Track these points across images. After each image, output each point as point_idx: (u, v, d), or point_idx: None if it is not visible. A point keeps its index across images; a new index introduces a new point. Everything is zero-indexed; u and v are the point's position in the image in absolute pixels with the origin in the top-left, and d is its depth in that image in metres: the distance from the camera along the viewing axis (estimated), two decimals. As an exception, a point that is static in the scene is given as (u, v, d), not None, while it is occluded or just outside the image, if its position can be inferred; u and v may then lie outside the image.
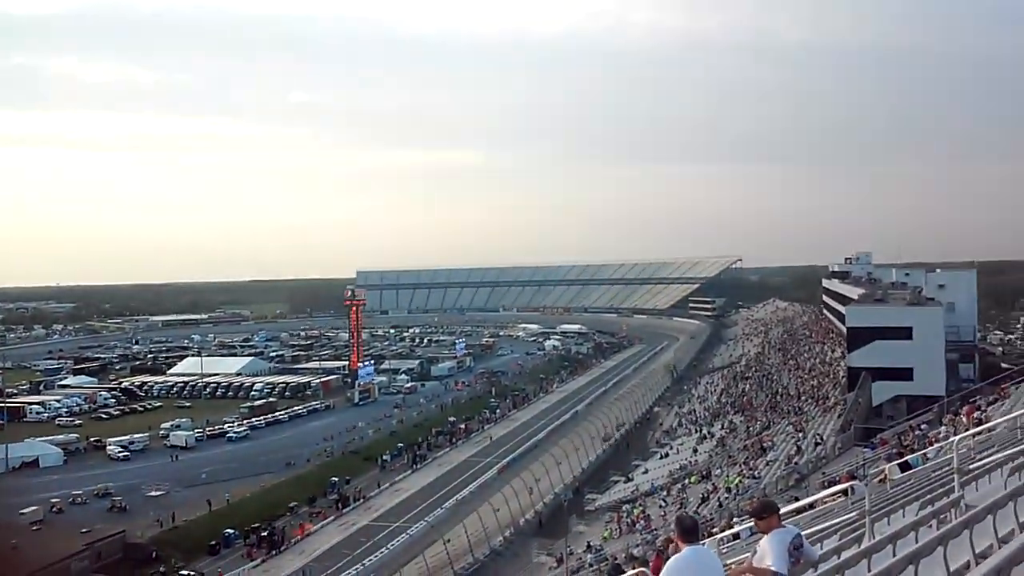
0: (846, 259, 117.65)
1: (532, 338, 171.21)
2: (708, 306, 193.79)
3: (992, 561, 3.98)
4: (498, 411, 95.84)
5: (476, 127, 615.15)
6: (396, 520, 58.03)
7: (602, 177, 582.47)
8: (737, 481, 47.09)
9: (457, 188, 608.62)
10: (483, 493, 60.77)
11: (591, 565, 35.71)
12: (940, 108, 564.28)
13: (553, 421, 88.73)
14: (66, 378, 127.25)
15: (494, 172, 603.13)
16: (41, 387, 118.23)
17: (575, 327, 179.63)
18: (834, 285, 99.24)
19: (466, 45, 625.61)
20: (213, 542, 54.33)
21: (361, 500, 63.62)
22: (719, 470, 53.26)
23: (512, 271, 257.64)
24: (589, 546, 44.75)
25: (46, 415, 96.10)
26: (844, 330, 69.28)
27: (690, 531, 7.21)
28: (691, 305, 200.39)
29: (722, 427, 69.28)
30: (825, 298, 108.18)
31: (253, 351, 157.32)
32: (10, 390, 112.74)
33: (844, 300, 79.94)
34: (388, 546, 51.92)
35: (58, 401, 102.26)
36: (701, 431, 71.06)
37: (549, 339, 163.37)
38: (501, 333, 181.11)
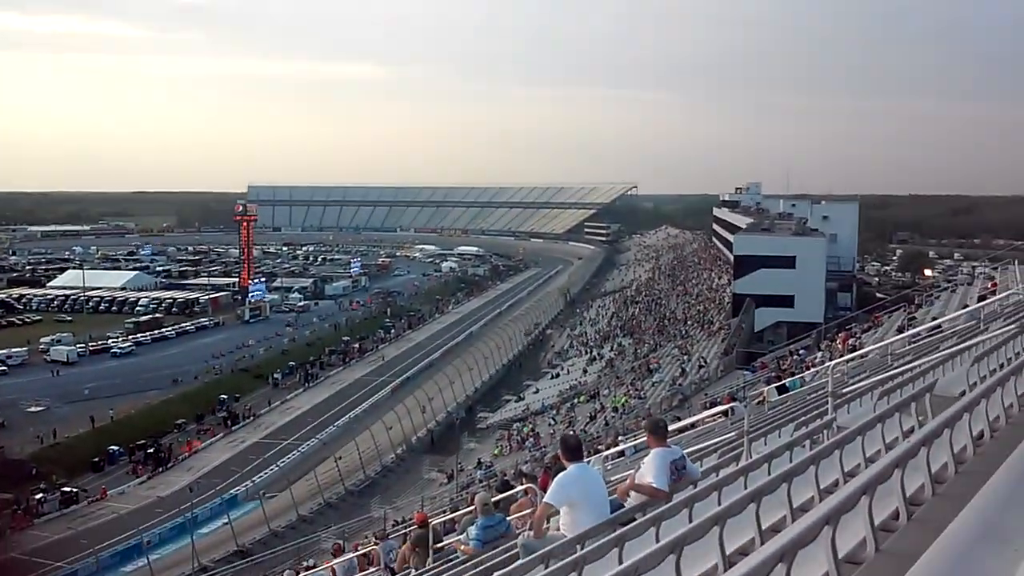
0: (736, 189, 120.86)
1: (429, 259, 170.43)
2: (603, 231, 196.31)
3: (859, 480, 4.11)
4: (393, 331, 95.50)
5: (378, 38, 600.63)
6: (287, 438, 57.71)
7: (505, 98, 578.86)
8: (624, 401, 48.54)
9: (356, 103, 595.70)
10: (376, 412, 60.92)
11: (481, 481, 36.39)
12: (836, 43, 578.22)
13: (448, 342, 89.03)
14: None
15: (395, 88, 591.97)
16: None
17: (472, 249, 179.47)
18: (724, 214, 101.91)
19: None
20: (97, 459, 52.96)
21: (251, 418, 62.89)
22: (607, 390, 54.73)
23: (410, 191, 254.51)
24: (480, 463, 45.60)
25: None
26: (731, 258, 71.35)
27: (574, 450, 7.33)
28: (586, 230, 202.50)
29: (611, 349, 70.97)
30: (715, 226, 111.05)
31: (138, 265, 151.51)
32: None
33: (732, 229, 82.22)
34: (278, 463, 51.61)
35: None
36: (591, 353, 72.63)
37: (446, 260, 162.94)
38: (397, 254, 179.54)
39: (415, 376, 73.46)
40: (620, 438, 25.13)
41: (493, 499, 13.53)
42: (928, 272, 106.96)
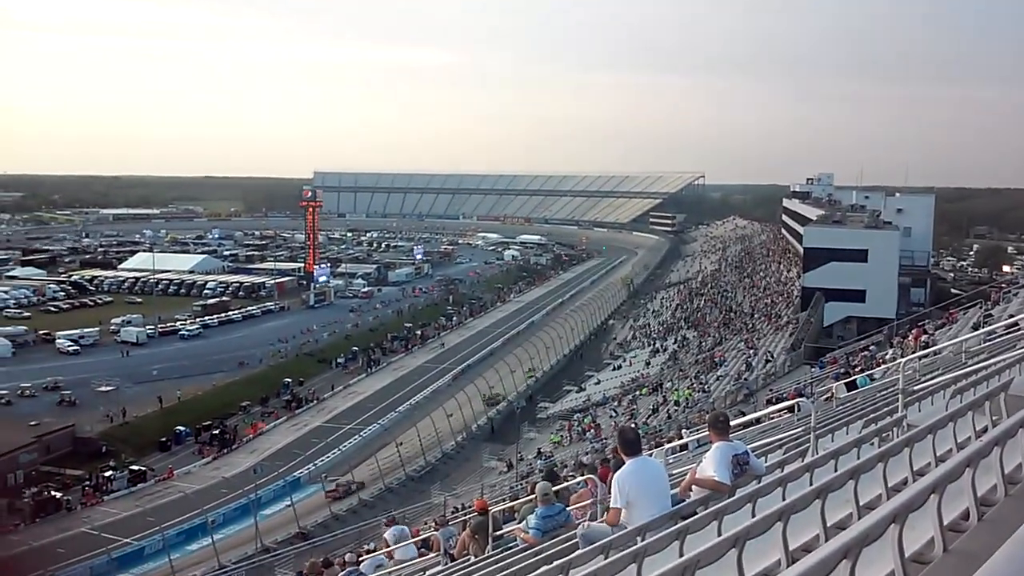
0: (808, 179, 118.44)
1: (491, 247, 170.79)
2: (668, 221, 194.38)
3: (928, 479, 4.00)
4: (455, 319, 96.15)
5: (444, 24, 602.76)
6: (349, 422, 58.54)
7: (570, 84, 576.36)
8: (687, 394, 48.08)
9: (421, 89, 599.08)
10: (437, 398, 61.37)
11: (540, 471, 36.43)
12: (912, 32, 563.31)
13: (509, 330, 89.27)
14: (13, 269, 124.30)
15: (459, 74, 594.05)
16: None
17: (535, 238, 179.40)
18: (794, 205, 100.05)
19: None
20: (164, 438, 54.43)
21: (314, 402, 63.97)
22: (670, 383, 54.28)
23: (473, 179, 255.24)
24: (539, 453, 45.66)
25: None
26: (801, 250, 70.08)
27: (632, 443, 7.29)
28: (651, 220, 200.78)
29: (675, 341, 70.37)
30: (784, 218, 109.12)
31: (206, 249, 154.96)
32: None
33: (803, 220, 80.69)
34: (340, 447, 52.48)
35: (6, 292, 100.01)
36: (654, 345, 72.14)
37: (508, 248, 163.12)
38: (460, 241, 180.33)
39: (476, 364, 73.85)
40: (683, 431, 24.96)
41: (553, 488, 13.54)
42: (1006, 268, 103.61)
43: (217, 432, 55.35)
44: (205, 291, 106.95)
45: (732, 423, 10.80)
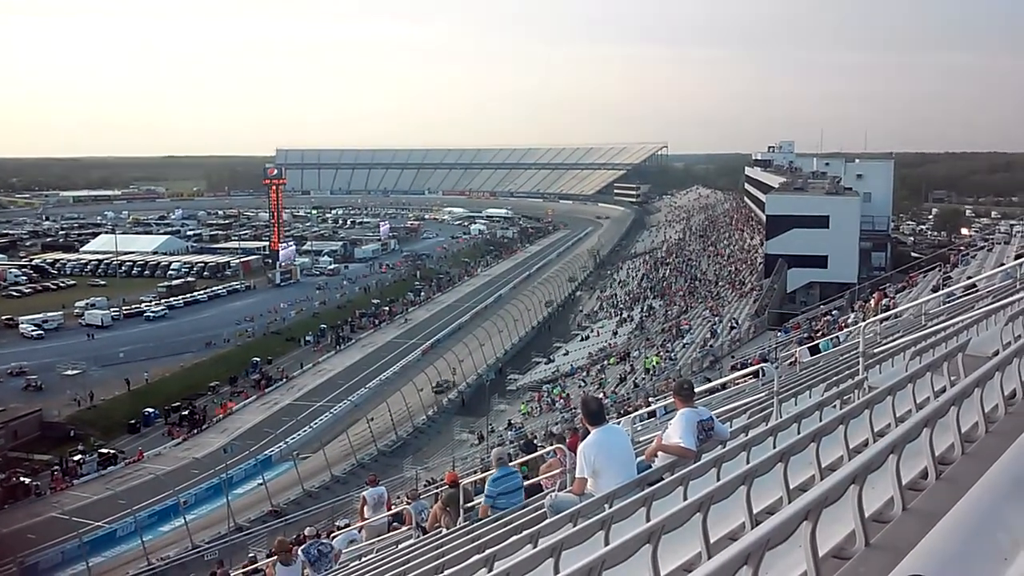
0: (769, 148, 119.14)
1: (457, 222, 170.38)
2: (632, 192, 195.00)
3: (887, 439, 4.09)
4: (422, 294, 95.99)
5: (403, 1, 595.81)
6: (319, 400, 58.42)
7: (531, 57, 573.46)
8: (655, 363, 48.50)
9: (383, 64, 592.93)
10: (407, 373, 61.40)
11: (511, 441, 36.66)
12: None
13: (477, 304, 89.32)
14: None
15: (422, 49, 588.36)
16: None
17: (501, 211, 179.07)
18: (756, 173, 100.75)
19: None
20: (133, 421, 54.04)
21: (284, 380, 63.71)
22: (637, 352, 54.72)
23: (438, 153, 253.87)
24: (510, 424, 45.94)
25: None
26: (764, 218, 70.70)
27: (595, 413, 7.37)
28: (616, 191, 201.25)
29: (641, 311, 70.83)
30: (747, 186, 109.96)
31: (169, 229, 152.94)
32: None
33: (765, 188, 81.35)
34: (311, 425, 52.42)
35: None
36: (621, 315, 72.54)
37: (474, 223, 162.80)
38: (426, 216, 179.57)
39: (445, 338, 73.89)
40: (651, 399, 25.19)
41: (520, 460, 13.65)
42: (964, 231, 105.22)
43: (187, 413, 55.03)
44: (170, 272, 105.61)
45: (698, 390, 10.94)
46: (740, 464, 5.61)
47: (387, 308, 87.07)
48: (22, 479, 44.84)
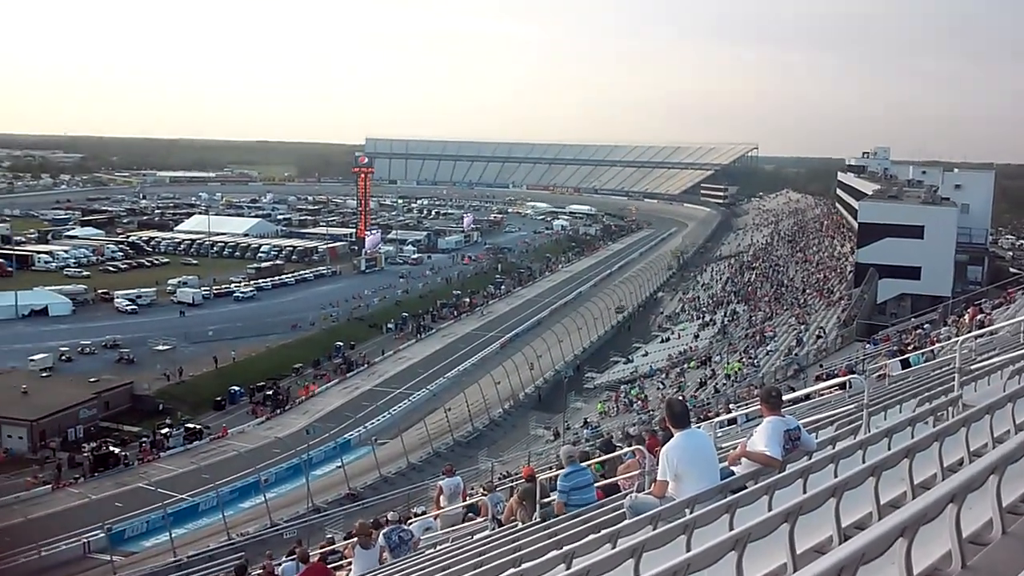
0: (863, 153, 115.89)
1: (540, 216, 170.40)
2: (720, 194, 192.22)
3: (986, 459, 3.98)
4: (503, 287, 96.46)
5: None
6: (399, 387, 59.26)
7: (621, 55, 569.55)
8: (736, 368, 47.74)
9: (474, 59, 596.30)
10: (485, 365, 61.78)
11: (587, 440, 36.55)
12: (975, 6, 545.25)
13: (557, 300, 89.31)
14: (73, 229, 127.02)
15: (511, 45, 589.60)
16: (49, 236, 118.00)
17: (584, 208, 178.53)
18: (849, 179, 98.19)
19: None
20: (219, 398, 55.68)
21: (365, 366, 64.82)
22: (719, 357, 53.91)
23: (523, 147, 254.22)
24: (586, 422, 45.78)
25: (54, 265, 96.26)
26: (855, 225, 68.96)
27: (680, 416, 7.30)
28: (703, 192, 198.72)
29: (725, 315, 69.77)
30: (839, 192, 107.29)
31: (260, 213, 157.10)
32: (18, 238, 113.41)
33: (858, 195, 79.25)
34: (390, 411, 53.22)
35: (66, 251, 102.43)
36: (704, 318, 71.60)
37: (557, 218, 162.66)
38: (509, 210, 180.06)
39: (524, 333, 74.12)
40: (732, 406, 24.85)
41: (598, 459, 13.64)
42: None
43: (270, 393, 56.46)
44: (259, 254, 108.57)
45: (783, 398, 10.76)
46: (828, 477, 5.53)
47: (468, 300, 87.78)
48: (112, 448, 46.64)
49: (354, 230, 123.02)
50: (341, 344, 68.13)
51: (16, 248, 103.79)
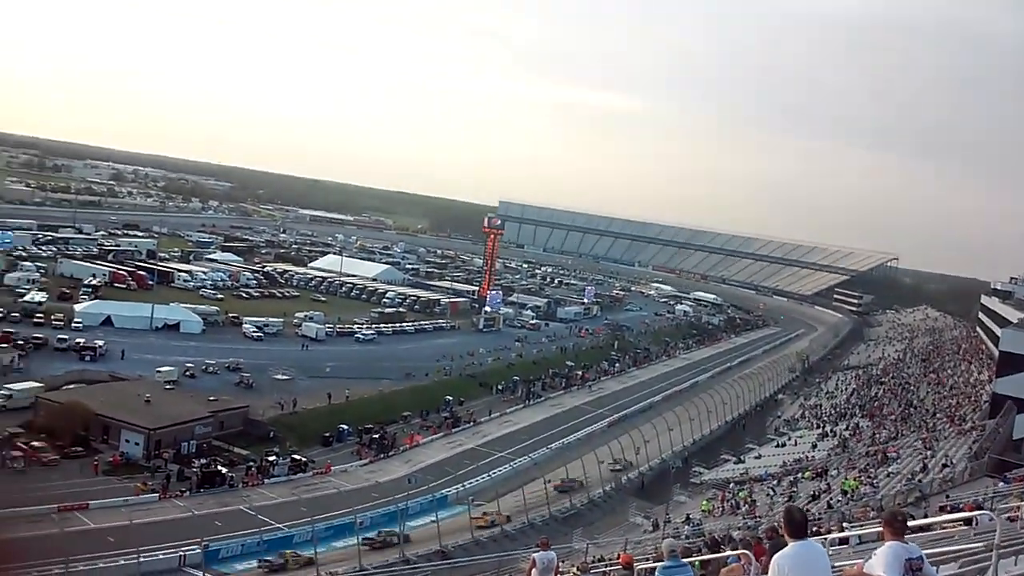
0: (1011, 279, 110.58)
1: (663, 299, 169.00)
2: (854, 300, 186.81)
3: None
4: (618, 365, 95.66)
5: (642, 73, 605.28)
6: (501, 450, 59.17)
7: (763, 146, 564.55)
8: (854, 486, 45.63)
9: (614, 133, 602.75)
10: (590, 442, 61.11)
11: (687, 537, 35.45)
12: None
13: (672, 386, 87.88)
14: (214, 253, 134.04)
15: (654, 123, 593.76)
16: (191, 257, 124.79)
17: (710, 296, 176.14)
18: (993, 304, 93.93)
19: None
20: (327, 434, 56.82)
21: (471, 423, 65.14)
22: (836, 471, 51.73)
23: (654, 228, 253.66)
24: (688, 518, 44.46)
25: (192, 284, 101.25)
26: (996, 353, 65.53)
27: (799, 525, 7.02)
28: (835, 296, 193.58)
29: (847, 428, 67.15)
30: (981, 315, 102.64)
31: (390, 260, 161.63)
32: (162, 255, 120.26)
33: (1002, 321, 75.57)
34: (490, 473, 53.04)
35: (205, 273, 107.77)
36: (824, 428, 69.10)
37: (681, 303, 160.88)
38: (632, 288, 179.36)
39: (634, 415, 73.04)
40: (845, 524, 23.75)
41: (700, 557, 13.27)
42: None
43: (377, 436, 57.32)
44: (384, 300, 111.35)
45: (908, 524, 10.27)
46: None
47: (580, 372, 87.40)
48: (220, 468, 48.07)
49: (477, 288, 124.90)
50: (450, 398, 68.80)
51: (159, 264, 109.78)
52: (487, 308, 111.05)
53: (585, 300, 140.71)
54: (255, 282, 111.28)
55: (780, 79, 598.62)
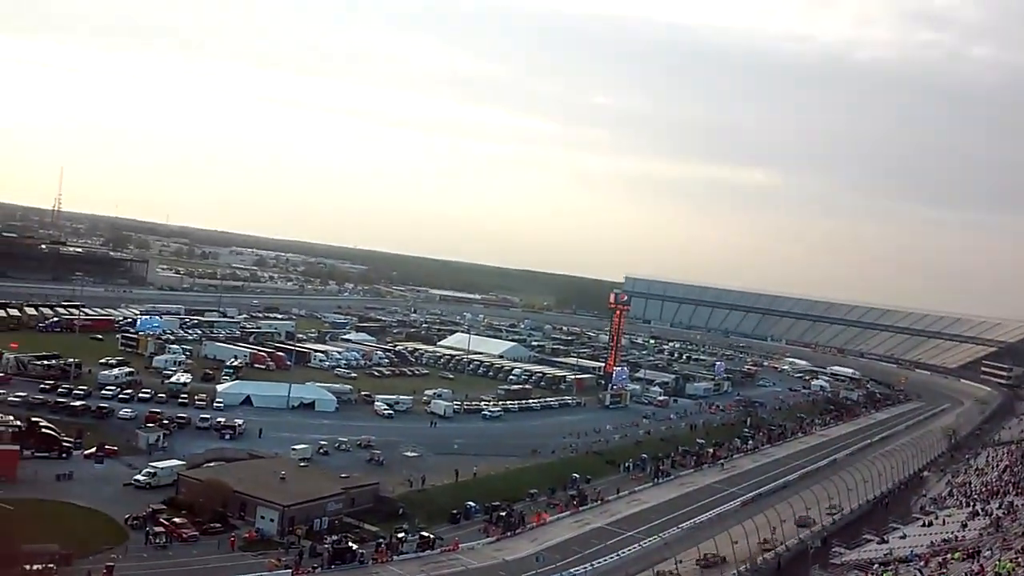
0: None
1: (798, 374, 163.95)
2: (1004, 373, 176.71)
3: None
4: (751, 442, 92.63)
5: (772, 147, 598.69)
6: (629, 529, 57.67)
7: (900, 216, 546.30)
8: (1009, 568, 42.30)
9: (740, 207, 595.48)
10: (722, 522, 58.88)
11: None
12: None
13: (808, 464, 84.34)
14: (349, 333, 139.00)
15: (783, 196, 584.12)
16: (327, 338, 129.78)
17: (847, 371, 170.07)
18: None
19: (774, 63, 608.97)
20: (455, 511, 56.74)
21: (599, 502, 63.90)
22: (989, 552, 48.11)
23: (786, 301, 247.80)
24: (829, 601, 42.08)
25: (327, 364, 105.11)
26: None
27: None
28: (983, 369, 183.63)
29: (1000, 506, 62.59)
30: None
31: (516, 337, 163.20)
32: (300, 336, 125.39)
33: None
34: (618, 552, 51.73)
35: (339, 353, 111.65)
36: (974, 506, 64.60)
37: (817, 378, 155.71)
38: (765, 363, 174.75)
39: (768, 493, 70.21)
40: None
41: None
42: None
43: (504, 514, 56.81)
44: (510, 377, 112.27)
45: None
46: None
47: (711, 450, 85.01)
48: (351, 544, 48.44)
49: (603, 364, 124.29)
50: (577, 476, 67.87)
51: (297, 345, 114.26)
52: (613, 384, 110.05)
53: (715, 376, 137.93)
54: (387, 361, 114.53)
55: (917, 150, 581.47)
